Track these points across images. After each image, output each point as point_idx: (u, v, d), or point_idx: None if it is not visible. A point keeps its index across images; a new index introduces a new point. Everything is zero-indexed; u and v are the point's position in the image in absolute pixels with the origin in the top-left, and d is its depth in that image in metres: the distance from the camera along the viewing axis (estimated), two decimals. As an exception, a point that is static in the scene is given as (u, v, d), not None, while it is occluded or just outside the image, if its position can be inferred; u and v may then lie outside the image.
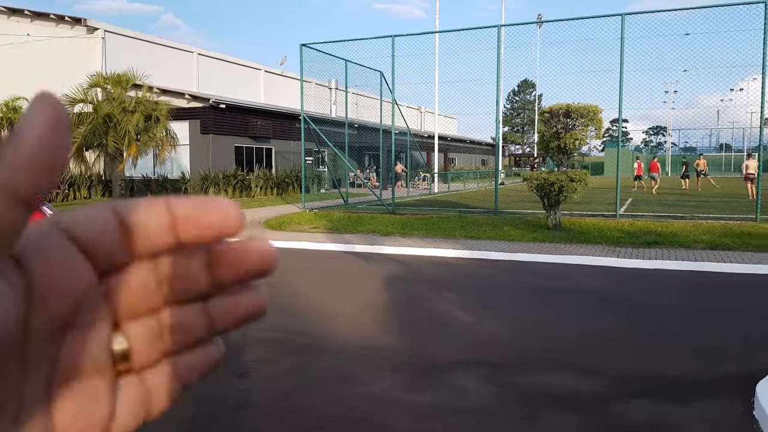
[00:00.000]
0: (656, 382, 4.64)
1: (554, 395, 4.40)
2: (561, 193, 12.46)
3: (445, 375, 4.85)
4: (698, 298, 7.55)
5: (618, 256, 9.95)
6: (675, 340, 5.73)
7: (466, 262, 10.21)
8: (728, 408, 4.17)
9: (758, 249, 10.27)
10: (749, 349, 5.42)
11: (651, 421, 3.98)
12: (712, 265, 9.22)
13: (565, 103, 12.77)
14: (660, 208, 18.56)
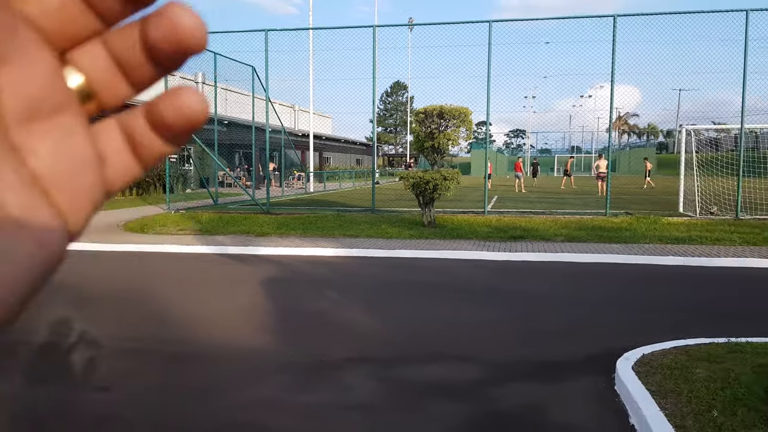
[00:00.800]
0: (529, 366, 4.96)
1: (436, 385, 4.52)
2: (435, 192, 12.95)
3: (330, 373, 4.79)
4: (562, 287, 8.21)
5: (489, 250, 10.54)
6: (544, 326, 6.17)
7: (346, 260, 10.22)
8: (593, 385, 4.56)
9: (609, 240, 11.42)
10: (609, 330, 5.99)
11: (525, 403, 4.23)
12: (571, 256, 10.09)
13: (438, 105, 13.29)
14: (523, 204, 20.02)
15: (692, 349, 4.93)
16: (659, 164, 65.19)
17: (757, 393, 3.87)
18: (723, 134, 21.70)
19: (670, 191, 25.15)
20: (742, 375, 4.18)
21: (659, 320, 6.30)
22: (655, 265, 9.57)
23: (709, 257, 9.64)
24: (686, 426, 3.52)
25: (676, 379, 4.25)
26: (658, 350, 4.98)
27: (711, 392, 3.93)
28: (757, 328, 5.68)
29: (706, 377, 4.20)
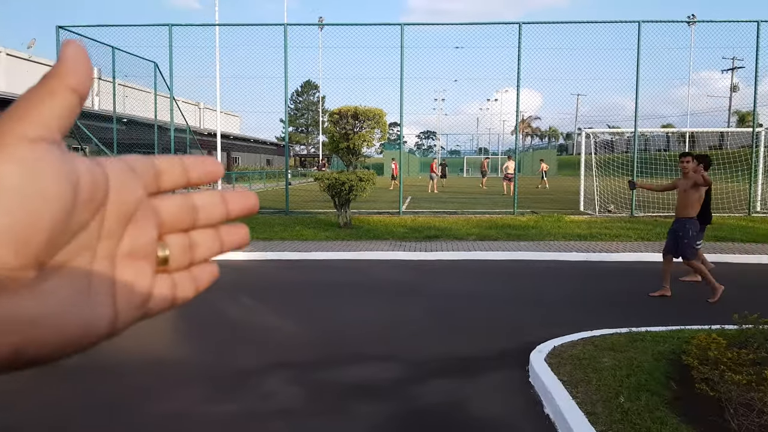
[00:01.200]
0: (448, 362, 5.07)
1: (358, 386, 4.52)
2: (351, 193, 12.97)
3: (248, 381, 4.65)
4: (476, 284, 8.48)
5: (405, 250, 10.69)
6: (460, 323, 6.35)
7: (260, 263, 9.99)
8: (510, 378, 4.75)
9: (518, 238, 11.96)
10: (521, 325, 6.25)
11: (446, 399, 4.32)
12: (483, 254, 10.46)
13: (353, 106, 13.32)
14: (437, 205, 20.52)
15: (598, 339, 5.26)
16: (560, 165, 69.15)
17: (659, 378, 4.20)
18: (617, 137, 23.37)
19: (571, 191, 26.75)
20: (644, 362, 4.51)
21: (567, 313, 6.67)
22: (560, 260, 10.13)
23: (609, 252, 10.34)
24: (596, 412, 3.74)
25: (585, 369, 4.51)
26: (568, 342, 5.27)
27: (617, 380, 4.20)
28: (654, 318, 6.15)
29: (612, 366, 4.50)
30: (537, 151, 74.05)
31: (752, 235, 11.86)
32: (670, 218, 14.82)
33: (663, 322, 5.77)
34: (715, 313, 6.37)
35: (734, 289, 7.93)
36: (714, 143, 36.61)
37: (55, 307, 0.29)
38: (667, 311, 6.64)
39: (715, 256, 10.01)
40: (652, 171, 19.82)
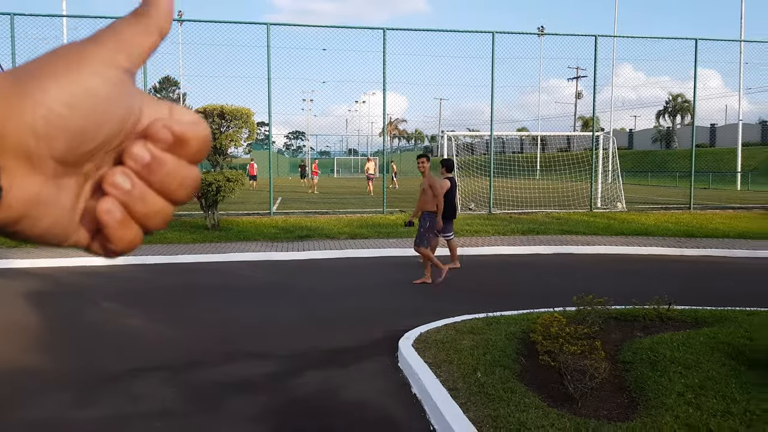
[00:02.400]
0: (322, 354, 5.27)
1: (232, 384, 4.57)
2: (219, 194, 12.68)
3: (119, 385, 4.51)
4: (347, 280, 8.77)
5: (276, 251, 10.71)
6: (333, 317, 6.58)
7: (122, 269, 9.47)
8: (380, 364, 5.05)
9: (387, 236, 12.46)
10: (390, 316, 6.62)
11: (321, 388, 4.52)
12: (355, 252, 10.79)
13: (219, 105, 13.03)
14: (308, 205, 20.61)
15: (459, 324, 5.75)
16: (426, 166, 72.21)
17: (510, 355, 4.72)
18: (477, 140, 25.10)
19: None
20: (498, 342, 5.04)
21: (432, 303, 7.16)
22: (427, 256, 10.75)
23: (470, 247, 11.17)
24: (458, 388, 4.15)
25: (447, 351, 4.93)
26: (433, 328, 5.70)
27: (475, 358, 4.66)
28: (507, 303, 6.81)
29: (471, 346, 4.97)
30: (404, 152, 76.78)
31: (593, 228, 13.42)
32: (525, 214, 16.30)
33: (515, 307, 6.43)
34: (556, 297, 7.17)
35: (571, 273, 9.00)
36: (562, 146, 40.60)
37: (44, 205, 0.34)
38: (520, 298, 7.36)
39: (562, 248, 11.23)
40: (508, 171, 21.55)
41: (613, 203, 18.52)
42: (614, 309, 5.85)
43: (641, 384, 4.03)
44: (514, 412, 3.64)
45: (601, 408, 3.76)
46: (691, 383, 3.97)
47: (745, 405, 3.62)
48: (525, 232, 12.92)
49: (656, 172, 44.08)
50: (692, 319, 5.69)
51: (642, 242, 11.82)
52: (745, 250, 10.96)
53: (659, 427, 3.35)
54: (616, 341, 5.02)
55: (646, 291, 6.36)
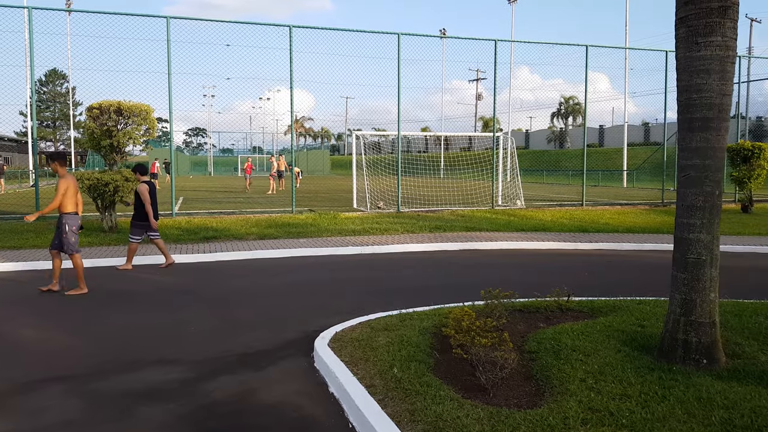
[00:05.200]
0: (235, 358, 5.12)
1: (140, 392, 4.34)
2: (116, 194, 11.95)
3: (18, 398, 4.15)
4: (258, 282, 8.57)
5: (180, 253, 10.27)
6: (245, 320, 6.41)
7: (15, 275, 8.70)
8: (296, 365, 4.99)
9: (297, 236, 12.31)
10: (304, 317, 6.55)
11: (236, 391, 4.39)
12: (264, 252, 10.57)
13: (116, 100, 12.27)
14: (212, 205, 19.91)
15: (374, 322, 5.80)
16: (333, 165, 72.27)
17: (424, 350, 4.83)
18: (383, 139, 25.37)
19: (344, 189, 28.21)
20: (412, 337, 5.14)
21: (346, 302, 7.17)
22: (338, 255, 10.75)
23: (381, 245, 11.29)
24: (375, 384, 4.18)
25: (363, 349, 4.96)
26: (348, 327, 5.71)
27: (391, 354, 4.72)
28: (418, 299, 6.96)
29: (386, 343, 5.02)
30: (311, 150, 76.17)
31: (495, 225, 14.01)
32: (431, 212, 16.72)
33: (426, 303, 6.58)
34: (465, 292, 7.40)
35: (477, 269, 9.35)
36: (464, 145, 42.04)
37: None
38: (431, 294, 7.54)
39: (467, 244, 11.63)
40: (414, 170, 22.01)
41: (513, 201, 19.44)
42: (519, 302, 6.15)
43: (546, 372, 4.27)
44: (430, 405, 3.72)
45: (511, 397, 3.94)
46: (592, 369, 4.25)
47: (640, 387, 3.93)
48: (432, 229, 13.25)
49: (551, 171, 46.77)
50: (589, 309, 6.10)
51: (541, 237, 12.50)
52: (633, 244, 11.89)
53: (565, 411, 3.55)
54: (522, 332, 5.28)
55: (547, 284, 6.73)
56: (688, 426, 3.35)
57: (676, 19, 4.71)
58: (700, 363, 4.38)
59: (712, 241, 4.59)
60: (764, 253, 11.20)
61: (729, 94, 4.62)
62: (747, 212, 17.69)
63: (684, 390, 3.86)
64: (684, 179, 4.70)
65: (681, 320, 4.52)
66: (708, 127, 4.57)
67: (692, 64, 4.58)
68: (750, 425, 3.36)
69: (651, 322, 5.44)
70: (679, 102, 4.77)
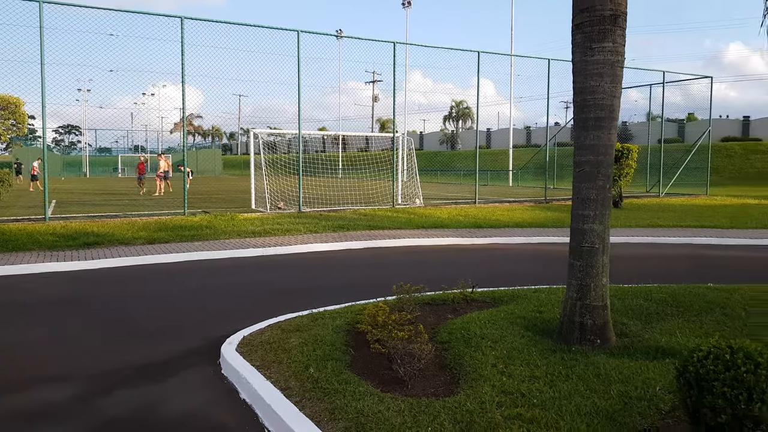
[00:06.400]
0: (134, 371, 4.85)
1: (30, 412, 3.98)
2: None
3: None
4: (149, 288, 8.14)
5: (57, 260, 9.51)
6: (143, 329, 6.07)
7: None
8: (202, 374, 4.81)
9: (191, 239, 11.81)
10: (208, 323, 6.32)
11: (137, 407, 4.15)
12: (155, 258, 10.04)
13: (-24, 88, 11.11)
14: (92, 208, 18.57)
15: (284, 324, 5.72)
16: (226, 165, 69.94)
17: (340, 347, 4.84)
18: (280, 138, 25.01)
19: (241, 189, 27.46)
20: (326, 336, 5.13)
21: (252, 305, 7.01)
22: (238, 257, 10.46)
23: (283, 246, 11.14)
24: (291, 386, 4.14)
25: (275, 351, 4.88)
26: (256, 330, 5.59)
27: (305, 355, 4.69)
28: (329, 298, 6.95)
29: (299, 344, 4.98)
30: (201, 150, 73.27)
31: (397, 223, 14.30)
32: (334, 212, 16.73)
33: (337, 302, 6.59)
34: (375, 288, 7.50)
35: (384, 266, 9.53)
36: (362, 146, 42.46)
37: None
38: (341, 292, 7.56)
39: (371, 243, 11.77)
40: (312, 170, 21.90)
41: (412, 199, 19.95)
42: (428, 295, 6.35)
43: (459, 360, 4.45)
44: (350, 401, 3.75)
45: (429, 386, 4.07)
46: (501, 355, 4.49)
47: (546, 369, 4.21)
48: (336, 228, 13.28)
49: (445, 171, 48.51)
50: (492, 299, 6.42)
51: (440, 234, 12.94)
52: (522, 237, 12.65)
53: (481, 396, 3.73)
54: (433, 324, 5.46)
55: (451, 277, 6.98)
56: (591, 401, 3.65)
57: (572, 25, 5.09)
58: (595, 343, 4.78)
59: (604, 230, 5.01)
60: (635, 243, 12.36)
61: (618, 96, 5.07)
62: (618, 207, 19.39)
63: (584, 368, 4.19)
64: (579, 174, 5.09)
65: (577, 304, 4.90)
66: (600, 126, 4.98)
67: (587, 67, 4.98)
68: (643, 396, 3.72)
69: (548, 308, 5.83)
70: (575, 103, 5.16)
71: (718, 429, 2.87)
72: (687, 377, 3.02)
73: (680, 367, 3.11)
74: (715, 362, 2.94)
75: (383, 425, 3.41)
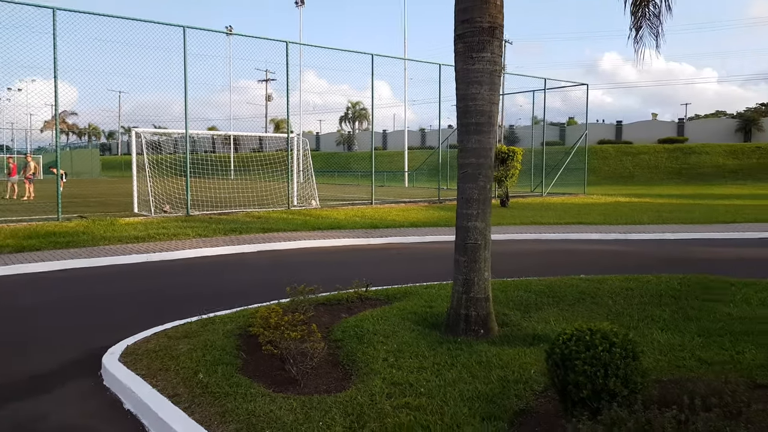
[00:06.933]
0: (5, 387, 4.53)
1: None
2: None
3: None
4: (24, 301, 7.59)
5: None
6: (15, 342, 5.67)
7: None
8: (82, 386, 4.59)
9: (66, 246, 11.07)
10: (88, 334, 6.02)
11: (10, 426, 3.91)
12: (25, 267, 9.34)
13: None
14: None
15: (171, 331, 5.58)
16: (104, 166, 65.64)
17: (231, 351, 4.82)
18: (164, 137, 23.98)
19: (122, 192, 25.98)
20: (217, 341, 5.08)
21: (135, 314, 6.74)
22: (120, 264, 9.97)
23: (170, 251, 10.75)
24: (179, 393, 4.08)
25: (162, 359, 4.77)
26: (141, 339, 5.41)
27: (194, 361, 4.63)
28: (220, 303, 6.84)
29: (188, 350, 4.90)
30: (76, 150, 68.30)
31: (293, 225, 14.25)
32: (225, 214, 16.34)
33: (229, 307, 6.51)
34: (269, 291, 7.48)
35: (278, 268, 9.51)
36: (256, 146, 41.64)
37: None
38: (231, 297, 7.45)
39: (266, 245, 11.66)
40: (202, 171, 21.23)
41: (308, 201, 19.93)
42: (322, 296, 6.44)
43: (352, 357, 4.60)
44: (241, 403, 3.78)
45: (321, 384, 4.18)
46: (391, 349, 4.69)
47: (433, 359, 4.46)
48: (227, 232, 13.01)
49: (341, 172, 48.79)
50: (385, 297, 6.65)
51: (337, 235, 13.08)
52: (416, 237, 13.10)
53: (371, 389, 3.90)
54: (327, 324, 5.57)
55: (347, 277, 7.13)
56: (473, 386, 3.93)
57: (455, 35, 5.41)
58: (479, 333, 5.12)
59: (485, 227, 5.38)
60: (520, 239, 13.21)
61: (496, 102, 5.46)
62: (504, 206, 20.59)
63: (468, 357, 4.49)
64: (463, 175, 5.42)
65: (463, 297, 5.23)
66: (481, 131, 5.34)
67: (468, 75, 5.32)
68: (520, 379, 4.07)
69: (437, 303, 6.15)
70: (458, 108, 5.48)
71: (581, 403, 3.22)
72: (554, 358, 3.36)
73: (548, 349, 3.45)
74: (578, 343, 3.29)
75: (275, 424, 3.48)
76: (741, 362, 4.37)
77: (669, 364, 4.36)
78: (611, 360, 3.18)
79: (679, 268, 8.62)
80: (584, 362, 3.19)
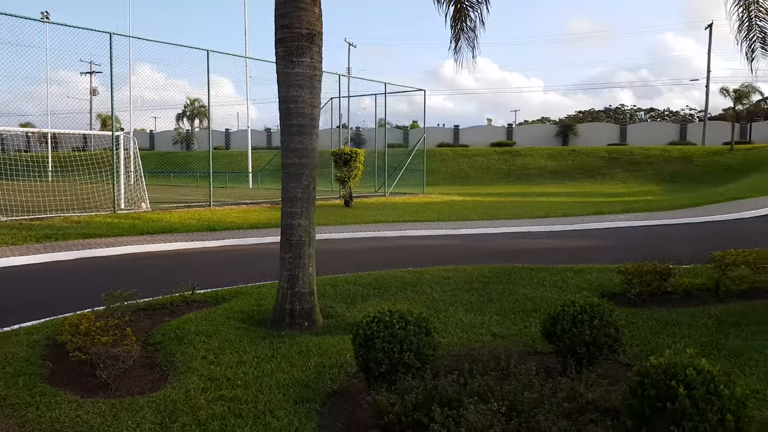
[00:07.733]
0: None
1: None
2: None
3: None
4: None
5: None
6: None
7: None
8: None
9: None
10: None
11: None
12: None
13: None
14: None
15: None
16: None
17: (35, 362, 4.60)
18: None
19: None
20: (20, 352, 4.80)
21: None
22: None
23: (-31, 261, 9.68)
24: (-28, 410, 3.82)
25: (-47, 376, 4.40)
26: (-72, 358, 4.92)
27: (-8, 375, 4.34)
28: (23, 315, 6.37)
29: (-16, 364, 4.57)
30: None
31: (118, 230, 13.46)
32: (38, 220, 14.95)
33: (36, 318, 6.11)
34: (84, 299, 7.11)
35: (96, 276, 9.04)
36: (78, 145, 38.27)
37: None
38: (39, 308, 6.97)
39: (85, 252, 10.94)
40: (12, 173, 19.22)
41: (137, 204, 18.90)
42: (143, 301, 6.31)
43: (170, 358, 4.62)
44: (45, 412, 3.67)
45: (135, 387, 4.17)
46: (212, 347, 4.79)
47: (254, 353, 4.64)
48: (40, 239, 11.98)
49: (179, 173, 46.61)
50: (213, 299, 6.67)
51: (168, 239, 12.63)
52: (256, 238, 13.10)
53: (187, 386, 3.98)
54: (146, 328, 5.49)
55: (175, 281, 7.01)
56: (290, 374, 4.18)
57: (275, 39, 5.63)
58: (303, 326, 5.40)
59: (309, 225, 5.66)
60: (360, 238, 13.80)
61: (317, 105, 5.77)
62: (348, 206, 21.23)
63: (289, 348, 4.74)
64: (286, 175, 5.66)
65: (288, 293, 5.47)
66: (303, 132, 5.61)
67: (289, 78, 5.56)
68: (335, 364, 4.40)
69: (267, 301, 6.32)
70: (280, 110, 5.71)
71: (381, 377, 3.60)
72: (359, 339, 3.72)
73: (354, 332, 3.80)
74: (378, 324, 3.68)
75: (81, 428, 3.44)
76: (527, 334, 5.11)
77: (469, 340, 4.97)
78: (406, 336, 3.60)
79: (496, 258, 9.64)
80: (383, 340, 3.59)
